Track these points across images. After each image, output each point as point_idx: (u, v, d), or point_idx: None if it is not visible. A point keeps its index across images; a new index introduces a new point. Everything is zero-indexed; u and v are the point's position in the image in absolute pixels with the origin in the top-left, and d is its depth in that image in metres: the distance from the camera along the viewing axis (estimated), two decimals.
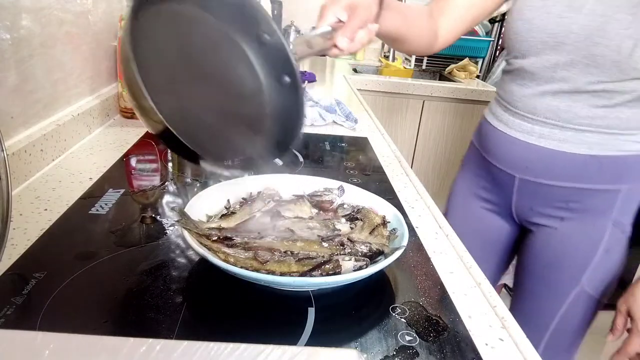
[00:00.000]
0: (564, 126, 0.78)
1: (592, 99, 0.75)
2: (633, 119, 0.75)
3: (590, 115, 0.75)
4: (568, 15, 0.74)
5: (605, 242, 0.80)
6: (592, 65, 0.73)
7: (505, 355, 0.45)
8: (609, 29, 0.69)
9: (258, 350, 0.33)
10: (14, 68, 0.68)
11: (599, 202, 0.79)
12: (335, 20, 0.60)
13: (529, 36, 0.79)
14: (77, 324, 0.42)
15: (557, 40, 0.75)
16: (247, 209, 0.60)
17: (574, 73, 0.75)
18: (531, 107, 0.81)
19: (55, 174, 0.74)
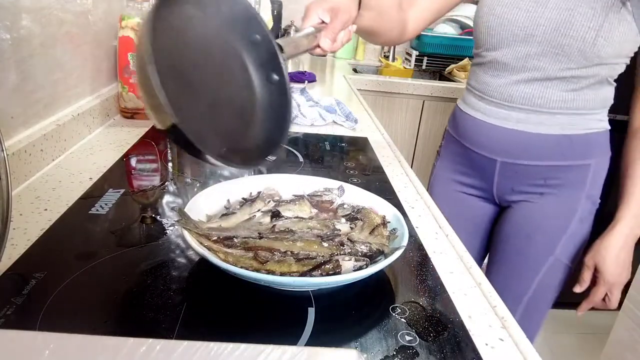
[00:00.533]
0: (539, 110, 0.86)
1: (562, 84, 0.84)
2: (596, 100, 0.85)
3: (561, 99, 0.84)
4: (536, 10, 0.82)
5: (579, 213, 0.89)
6: (560, 54, 0.81)
7: (505, 355, 0.45)
8: (573, 21, 0.78)
9: (258, 350, 0.33)
10: (14, 68, 0.68)
11: (573, 176, 0.88)
12: (319, 21, 0.65)
13: (500, 30, 0.86)
14: (77, 324, 0.42)
15: (527, 33, 0.83)
16: (247, 209, 0.60)
17: (544, 62, 0.83)
18: (507, 95, 0.88)
19: (55, 174, 0.74)
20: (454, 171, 1.02)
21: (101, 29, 0.98)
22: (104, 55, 1.02)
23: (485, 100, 0.91)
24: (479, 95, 0.93)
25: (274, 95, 0.56)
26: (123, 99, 1.01)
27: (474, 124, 0.94)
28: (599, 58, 0.79)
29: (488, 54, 0.89)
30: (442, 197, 1.03)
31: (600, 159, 0.89)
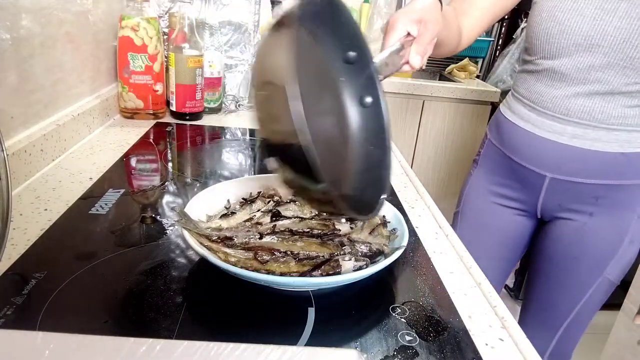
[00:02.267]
0: (597, 126, 0.80)
1: (625, 99, 0.77)
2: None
3: (623, 114, 0.78)
4: (603, 18, 0.75)
5: (630, 234, 0.84)
6: (629, 67, 0.75)
7: (505, 355, 0.45)
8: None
9: (258, 350, 0.33)
10: (14, 68, 0.68)
11: (625, 196, 0.83)
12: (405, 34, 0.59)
13: (561, 38, 0.79)
14: (77, 324, 0.42)
15: (591, 43, 0.77)
16: (247, 209, 0.60)
17: (609, 75, 0.77)
18: (563, 108, 0.82)
19: (55, 174, 0.74)
20: (492, 182, 0.97)
21: (101, 29, 0.98)
22: (104, 55, 1.02)
23: (537, 111, 0.85)
24: (529, 105, 0.87)
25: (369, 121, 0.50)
26: (123, 99, 1.01)
27: (522, 136, 0.88)
28: None
29: (544, 62, 0.83)
30: (476, 207, 1.00)
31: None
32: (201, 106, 1.08)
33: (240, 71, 1.17)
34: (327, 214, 0.45)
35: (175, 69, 1.01)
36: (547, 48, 0.83)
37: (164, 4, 1.14)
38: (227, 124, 1.09)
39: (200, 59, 1.02)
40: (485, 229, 0.73)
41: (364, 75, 0.49)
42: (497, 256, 0.61)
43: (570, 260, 0.89)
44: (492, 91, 2.03)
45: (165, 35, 1.10)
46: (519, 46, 2.11)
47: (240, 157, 0.92)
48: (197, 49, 1.01)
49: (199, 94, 1.05)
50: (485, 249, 0.98)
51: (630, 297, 1.35)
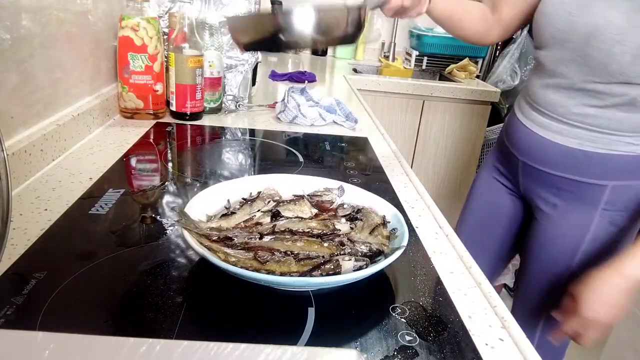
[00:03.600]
0: (559, 119, 0.83)
1: (585, 98, 0.79)
2: (625, 122, 0.77)
3: (582, 113, 0.80)
4: (577, 14, 0.77)
5: (592, 232, 0.85)
6: (585, 65, 0.77)
7: (505, 355, 0.45)
8: (604, 31, 0.72)
9: (258, 350, 0.33)
10: (14, 68, 0.68)
11: (587, 193, 0.84)
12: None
13: (544, 29, 0.83)
14: (77, 324, 0.42)
15: (563, 37, 0.79)
16: (247, 209, 0.60)
17: (571, 70, 0.80)
18: (537, 97, 0.87)
19: (55, 174, 0.74)
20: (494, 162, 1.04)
21: (101, 29, 0.98)
22: (104, 55, 1.02)
23: (525, 99, 0.92)
24: (524, 95, 0.93)
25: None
26: (123, 99, 1.01)
27: (512, 121, 0.95)
28: (624, 76, 0.73)
29: (537, 52, 0.88)
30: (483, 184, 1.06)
31: (622, 184, 0.81)
32: (201, 106, 1.08)
33: (240, 71, 1.17)
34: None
35: (175, 69, 1.01)
36: (536, 38, 0.87)
37: (164, 4, 1.13)
38: (227, 124, 1.09)
39: (200, 59, 1.02)
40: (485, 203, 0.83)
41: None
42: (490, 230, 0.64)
43: (543, 246, 0.92)
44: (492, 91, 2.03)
45: (165, 35, 1.10)
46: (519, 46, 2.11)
47: (240, 157, 0.92)
48: (197, 49, 1.01)
49: (199, 94, 1.05)
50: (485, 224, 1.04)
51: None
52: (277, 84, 1.67)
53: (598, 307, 0.73)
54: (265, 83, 1.64)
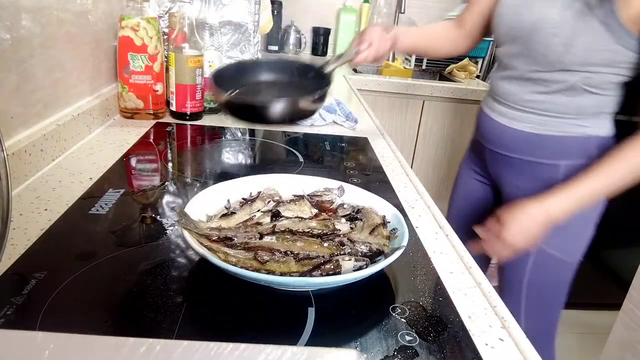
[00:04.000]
0: (513, 106, 0.92)
1: (534, 86, 0.88)
2: (570, 106, 0.87)
3: (532, 99, 0.89)
4: (523, 12, 0.87)
5: None
6: (529, 57, 0.87)
7: (505, 355, 0.45)
8: (543, 26, 0.82)
9: (258, 350, 0.33)
10: (14, 68, 0.68)
11: (544, 173, 0.92)
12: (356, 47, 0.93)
13: (499, 28, 0.94)
14: (77, 324, 0.42)
15: (513, 33, 0.89)
16: (247, 209, 0.60)
17: (520, 62, 0.89)
18: (496, 88, 0.97)
19: (55, 174, 0.74)
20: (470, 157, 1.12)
21: (101, 29, 0.98)
22: (104, 55, 1.02)
23: (489, 91, 1.02)
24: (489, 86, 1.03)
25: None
26: (123, 99, 1.01)
27: (479, 112, 1.04)
28: (563, 64, 0.82)
29: (496, 50, 0.99)
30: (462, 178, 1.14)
31: (573, 162, 0.88)
32: (201, 106, 1.08)
33: None
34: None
35: (175, 69, 1.01)
36: (495, 37, 0.97)
37: (164, 4, 1.13)
38: (227, 124, 1.09)
39: (200, 59, 1.02)
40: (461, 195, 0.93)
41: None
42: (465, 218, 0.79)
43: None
44: None
45: (165, 35, 1.10)
46: None
47: (240, 157, 0.92)
48: (197, 49, 1.01)
49: (199, 94, 1.05)
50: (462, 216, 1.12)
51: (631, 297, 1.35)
52: None
53: (516, 233, 0.80)
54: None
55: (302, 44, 2.40)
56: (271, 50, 2.36)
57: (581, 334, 2.05)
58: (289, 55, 2.38)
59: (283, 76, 0.92)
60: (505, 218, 0.81)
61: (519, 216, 0.81)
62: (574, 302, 0.92)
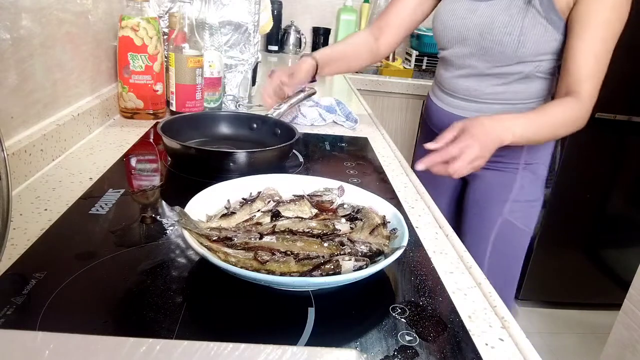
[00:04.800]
0: (475, 100, 1.02)
1: (493, 79, 0.98)
2: (527, 92, 0.98)
3: (493, 91, 0.99)
4: (467, 17, 0.96)
5: (519, 180, 1.04)
6: (485, 55, 0.95)
7: (505, 355, 0.45)
8: (493, 27, 0.91)
9: (258, 350, 0.33)
10: (14, 68, 0.68)
11: (508, 153, 1.00)
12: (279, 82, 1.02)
13: (444, 33, 1.02)
14: (77, 324, 0.42)
15: (461, 36, 0.98)
16: (247, 209, 0.60)
17: (475, 61, 0.98)
18: (452, 86, 1.05)
19: (55, 174, 0.74)
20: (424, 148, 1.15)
21: (101, 29, 0.98)
22: (104, 55, 1.02)
23: (440, 89, 1.09)
24: (437, 86, 1.11)
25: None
26: (123, 99, 1.01)
27: (434, 109, 1.12)
28: (518, 57, 0.92)
29: (441, 52, 1.07)
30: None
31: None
32: (201, 106, 1.08)
33: (240, 71, 1.17)
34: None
35: (175, 69, 1.01)
36: (439, 42, 1.06)
37: (164, 4, 1.13)
38: None
39: (200, 59, 1.02)
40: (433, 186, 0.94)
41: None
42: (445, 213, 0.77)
43: (476, 206, 1.10)
44: None
45: (165, 35, 1.10)
46: None
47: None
48: (197, 49, 1.01)
49: (199, 94, 1.05)
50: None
51: (631, 297, 1.35)
52: None
53: (474, 144, 0.78)
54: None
55: (302, 44, 2.40)
56: (271, 50, 2.36)
57: (581, 334, 2.05)
58: (289, 54, 2.38)
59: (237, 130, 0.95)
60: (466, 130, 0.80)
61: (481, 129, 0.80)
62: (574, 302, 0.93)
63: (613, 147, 1.90)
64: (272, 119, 0.95)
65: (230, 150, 0.80)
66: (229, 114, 0.98)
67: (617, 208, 2.02)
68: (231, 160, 0.76)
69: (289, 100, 1.01)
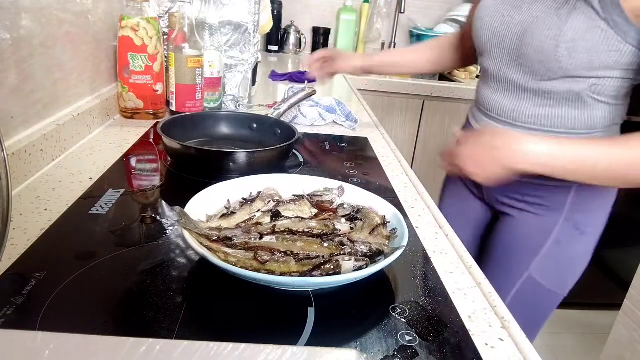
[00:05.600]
0: (514, 124, 0.82)
1: (534, 98, 0.78)
2: (579, 120, 0.76)
3: (534, 114, 0.79)
4: (510, 14, 0.77)
5: (556, 234, 0.84)
6: (524, 64, 0.76)
7: (505, 355, 0.45)
8: (535, 29, 0.72)
9: (258, 350, 0.33)
10: (14, 68, 0.68)
11: (551, 197, 0.83)
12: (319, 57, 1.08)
13: (481, 34, 0.83)
14: (77, 324, 0.42)
15: (499, 39, 0.79)
16: (247, 209, 0.60)
17: (512, 72, 0.79)
18: (487, 103, 0.86)
19: (55, 174, 0.74)
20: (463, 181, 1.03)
21: (101, 29, 0.98)
22: (104, 55, 1.02)
23: (477, 107, 0.91)
24: (475, 102, 0.93)
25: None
26: (123, 99, 1.01)
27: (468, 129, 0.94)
28: (564, 70, 0.71)
29: (479, 60, 0.89)
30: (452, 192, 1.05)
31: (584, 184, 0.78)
32: (201, 106, 1.08)
33: (240, 71, 1.17)
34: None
35: (175, 69, 1.01)
36: (476, 44, 0.86)
37: (164, 4, 1.13)
38: None
39: (200, 59, 1.02)
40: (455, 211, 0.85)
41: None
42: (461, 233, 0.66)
43: (501, 252, 0.92)
44: None
45: (165, 35, 1.10)
46: None
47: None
48: (197, 49, 1.01)
49: (199, 94, 1.05)
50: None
51: (631, 297, 1.35)
52: (277, 84, 1.67)
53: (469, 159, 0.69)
54: (265, 83, 1.64)
55: (302, 44, 2.40)
56: (271, 50, 2.36)
57: (581, 334, 2.05)
58: (289, 55, 2.38)
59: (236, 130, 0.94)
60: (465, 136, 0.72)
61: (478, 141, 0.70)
62: (574, 302, 0.92)
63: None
64: (272, 119, 0.95)
65: (230, 150, 0.80)
66: (229, 114, 0.98)
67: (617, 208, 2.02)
68: (231, 160, 0.76)
69: (288, 100, 1.01)
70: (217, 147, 0.87)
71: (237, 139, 0.93)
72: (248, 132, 0.94)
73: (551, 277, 0.87)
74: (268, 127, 0.93)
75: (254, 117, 0.96)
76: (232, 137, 0.93)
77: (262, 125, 0.94)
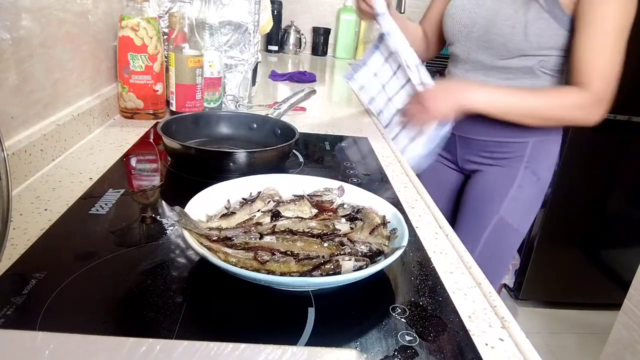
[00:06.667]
0: None
1: (498, 73, 1.01)
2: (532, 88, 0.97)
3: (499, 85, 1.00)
4: (475, 11, 0.99)
5: (519, 180, 1.05)
6: (490, 48, 0.99)
7: (505, 355, 0.45)
8: (497, 20, 0.95)
9: (258, 350, 0.33)
10: (14, 68, 0.68)
11: (513, 151, 1.05)
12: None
13: (452, 28, 1.05)
14: (77, 324, 0.42)
15: (468, 30, 1.01)
16: (247, 209, 0.60)
17: (480, 55, 1.01)
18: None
19: (55, 174, 0.74)
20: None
21: (101, 29, 0.98)
22: (104, 55, 1.02)
23: None
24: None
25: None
26: (123, 99, 1.01)
27: None
28: (520, 50, 0.94)
29: (450, 48, 1.10)
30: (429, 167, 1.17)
31: (539, 138, 1.03)
32: (201, 106, 1.08)
33: (240, 71, 1.17)
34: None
35: (175, 69, 1.01)
36: (448, 36, 1.08)
37: (164, 4, 1.13)
38: None
39: (200, 59, 1.02)
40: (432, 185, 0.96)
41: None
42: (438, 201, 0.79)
43: (473, 202, 1.11)
44: None
45: (165, 35, 1.10)
46: None
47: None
48: (197, 49, 1.01)
49: (199, 94, 1.05)
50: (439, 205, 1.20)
51: (631, 297, 1.35)
52: (277, 84, 1.67)
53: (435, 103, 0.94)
54: (265, 83, 1.64)
55: (302, 44, 2.40)
56: (271, 50, 2.36)
57: (581, 334, 2.05)
58: (289, 55, 2.38)
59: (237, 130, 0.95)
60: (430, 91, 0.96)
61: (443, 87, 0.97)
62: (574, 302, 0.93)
63: (613, 147, 1.90)
64: (272, 119, 0.95)
65: (230, 150, 0.80)
66: (229, 114, 0.98)
67: (617, 208, 2.02)
68: (231, 160, 0.76)
69: (289, 100, 1.01)
70: (217, 147, 0.87)
71: (237, 139, 0.93)
72: (248, 132, 0.94)
73: (517, 217, 1.07)
74: (268, 127, 0.93)
75: (254, 117, 0.96)
76: (232, 137, 0.93)
77: (262, 125, 0.94)
